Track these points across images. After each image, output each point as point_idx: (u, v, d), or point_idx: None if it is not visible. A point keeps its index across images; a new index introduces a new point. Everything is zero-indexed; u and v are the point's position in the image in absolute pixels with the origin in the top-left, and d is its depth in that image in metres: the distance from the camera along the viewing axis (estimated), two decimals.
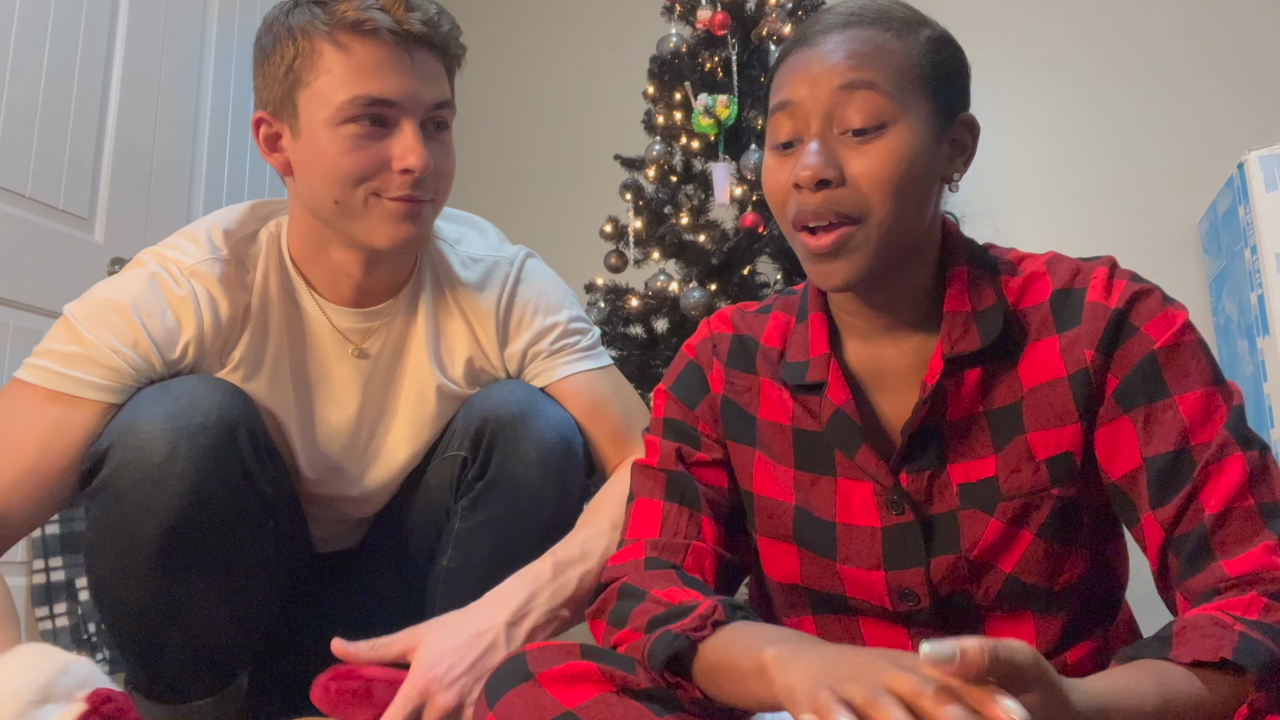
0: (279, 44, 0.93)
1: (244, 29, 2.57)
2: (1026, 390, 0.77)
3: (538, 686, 0.67)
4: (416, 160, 0.91)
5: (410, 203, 0.94)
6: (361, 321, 1.05)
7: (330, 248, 1.00)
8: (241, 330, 0.99)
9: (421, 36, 0.93)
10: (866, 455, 0.79)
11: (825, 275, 0.75)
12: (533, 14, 3.24)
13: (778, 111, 0.76)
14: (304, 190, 0.97)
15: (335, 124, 0.91)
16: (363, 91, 0.90)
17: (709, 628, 0.68)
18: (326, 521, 1.13)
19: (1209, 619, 0.63)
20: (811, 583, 0.83)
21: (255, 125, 0.98)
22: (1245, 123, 2.29)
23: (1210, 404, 0.71)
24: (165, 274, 0.97)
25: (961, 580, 0.78)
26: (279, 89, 0.94)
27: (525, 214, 2.98)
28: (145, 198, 2.21)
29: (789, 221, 0.76)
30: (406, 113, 0.93)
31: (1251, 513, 0.68)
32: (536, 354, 1.09)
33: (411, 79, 0.92)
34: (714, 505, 0.86)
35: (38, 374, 0.91)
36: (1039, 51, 2.56)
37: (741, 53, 2.22)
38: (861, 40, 0.74)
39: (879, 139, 0.72)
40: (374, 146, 0.92)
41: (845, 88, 0.72)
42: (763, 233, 2.08)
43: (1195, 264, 2.30)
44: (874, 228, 0.73)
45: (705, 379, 0.89)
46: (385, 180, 0.93)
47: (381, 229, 0.94)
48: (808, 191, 0.73)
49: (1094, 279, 0.76)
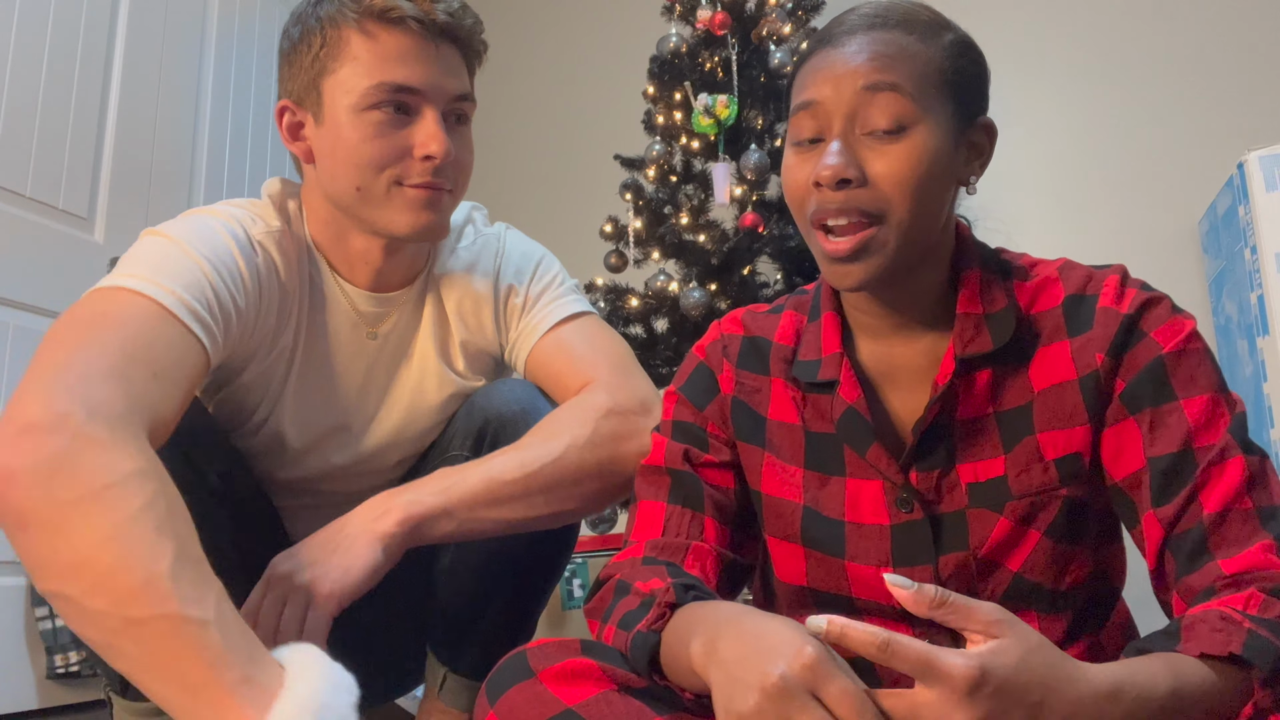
0: (307, 34, 0.96)
1: (244, 29, 2.57)
2: (1037, 393, 0.78)
3: (539, 684, 0.67)
4: (438, 147, 0.93)
5: (431, 190, 0.96)
6: (377, 306, 1.06)
7: (349, 235, 1.01)
8: (277, 302, 1.00)
9: (446, 28, 0.95)
10: (877, 453, 0.80)
11: (842, 276, 0.76)
12: (533, 14, 3.25)
13: (800, 110, 0.77)
14: (325, 178, 0.98)
15: (359, 110, 0.93)
16: (388, 78, 0.92)
17: (666, 613, 0.69)
18: (307, 510, 1.12)
19: (1218, 614, 0.64)
20: (817, 584, 0.84)
21: (279, 114, 1.00)
22: (1245, 123, 2.29)
23: (1215, 409, 0.72)
24: (249, 232, 0.97)
25: (969, 578, 0.78)
26: (305, 77, 0.96)
27: (525, 214, 2.98)
28: (145, 198, 2.21)
29: (807, 219, 0.77)
30: (429, 101, 0.95)
31: (1249, 514, 0.68)
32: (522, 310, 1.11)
33: (435, 68, 0.95)
34: (720, 507, 0.86)
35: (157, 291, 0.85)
36: (1039, 52, 2.56)
37: (741, 53, 2.22)
38: (886, 42, 0.75)
39: (900, 140, 0.73)
40: (397, 134, 0.94)
41: (869, 89, 0.73)
42: (763, 233, 2.08)
43: (1195, 264, 2.30)
44: (893, 228, 0.74)
45: (715, 380, 0.89)
46: (407, 167, 0.94)
47: (402, 216, 0.96)
48: (828, 190, 0.73)
49: (1106, 286, 0.77)
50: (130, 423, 0.74)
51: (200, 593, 0.66)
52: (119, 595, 0.65)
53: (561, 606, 2.30)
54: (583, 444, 0.94)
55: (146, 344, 0.80)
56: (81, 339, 0.78)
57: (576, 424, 0.96)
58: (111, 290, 0.83)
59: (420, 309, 1.09)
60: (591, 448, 0.95)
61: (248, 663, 0.65)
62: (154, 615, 0.64)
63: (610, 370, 1.03)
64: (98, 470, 0.68)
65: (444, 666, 1.07)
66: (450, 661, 1.06)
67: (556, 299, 1.10)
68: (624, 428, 0.97)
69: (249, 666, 0.65)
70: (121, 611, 0.65)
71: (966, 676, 0.52)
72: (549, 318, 1.08)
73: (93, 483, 0.67)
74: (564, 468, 0.93)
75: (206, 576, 0.68)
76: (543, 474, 0.93)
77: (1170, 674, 0.59)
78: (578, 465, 0.94)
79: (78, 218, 2.04)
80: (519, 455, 0.94)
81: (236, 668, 0.64)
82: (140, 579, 0.65)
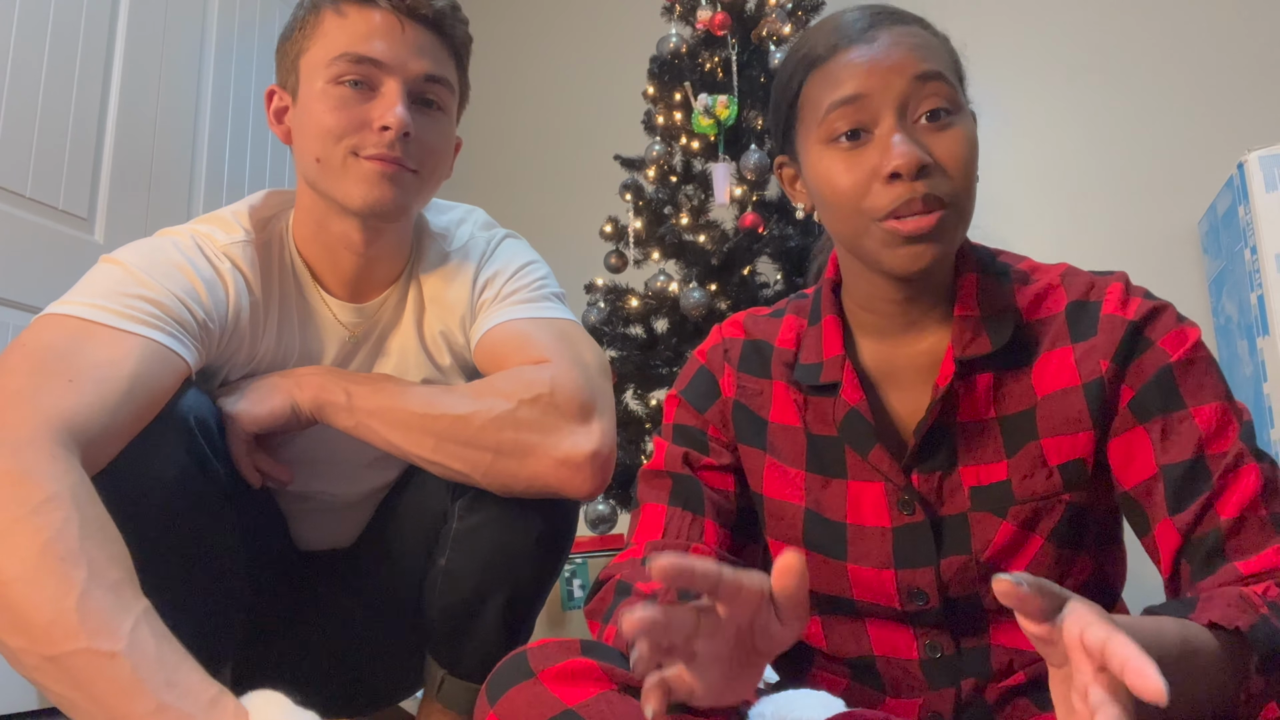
0: (294, 19, 1.00)
1: (244, 29, 2.57)
2: (1040, 398, 0.78)
3: (539, 684, 0.67)
4: (394, 119, 0.94)
5: (386, 163, 0.95)
6: (359, 317, 1.06)
7: (329, 220, 1.01)
8: (256, 311, 1.00)
9: (413, 7, 0.98)
10: (879, 455, 0.80)
11: (914, 257, 0.73)
12: (533, 14, 3.25)
13: (841, 106, 0.74)
14: (297, 155, 1.01)
15: (326, 84, 0.96)
16: (350, 49, 0.95)
17: None
18: (310, 513, 1.12)
19: (1237, 593, 0.64)
20: (819, 586, 0.84)
21: (267, 99, 1.03)
22: (1245, 123, 2.29)
23: (1224, 417, 0.72)
24: (204, 248, 0.98)
25: (971, 582, 0.78)
26: (288, 60, 1.00)
27: (525, 214, 2.99)
28: (145, 198, 2.21)
29: (873, 214, 0.74)
30: (391, 74, 0.96)
31: (1265, 521, 0.69)
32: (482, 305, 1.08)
33: (401, 45, 0.97)
34: (720, 510, 0.86)
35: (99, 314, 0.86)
36: (1039, 52, 2.56)
37: (741, 53, 2.22)
38: (915, 34, 0.76)
39: (953, 126, 0.74)
40: (358, 107, 0.96)
41: (920, 78, 0.73)
42: (763, 233, 2.08)
43: (1195, 264, 2.30)
44: (957, 212, 0.74)
45: (716, 384, 0.90)
46: (364, 138, 0.95)
47: (356, 188, 0.96)
48: (906, 181, 0.72)
49: (1109, 293, 0.78)
50: (39, 442, 0.73)
51: (112, 622, 0.67)
52: (33, 634, 0.66)
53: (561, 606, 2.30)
54: (494, 416, 0.92)
55: (58, 354, 0.80)
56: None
57: (503, 395, 0.94)
58: (37, 320, 0.85)
59: (402, 307, 1.08)
60: (499, 425, 0.92)
61: (164, 689, 0.65)
62: (66, 652, 0.65)
63: (569, 363, 0.98)
64: (1, 508, 0.69)
65: (442, 669, 1.07)
66: (448, 664, 1.06)
67: (532, 300, 1.07)
68: (545, 421, 0.93)
69: (165, 693, 0.65)
70: (37, 650, 0.66)
71: None
72: (517, 312, 1.05)
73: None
74: (463, 428, 0.92)
75: (123, 603, 0.68)
76: (441, 422, 0.93)
77: (1180, 638, 0.58)
78: (476, 432, 0.92)
79: (77, 218, 2.04)
80: (435, 396, 0.95)
81: (150, 697, 0.65)
82: (48, 616, 0.66)
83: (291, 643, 1.11)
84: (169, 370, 0.87)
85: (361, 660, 1.15)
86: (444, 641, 1.05)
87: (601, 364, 1.03)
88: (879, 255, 0.75)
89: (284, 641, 1.11)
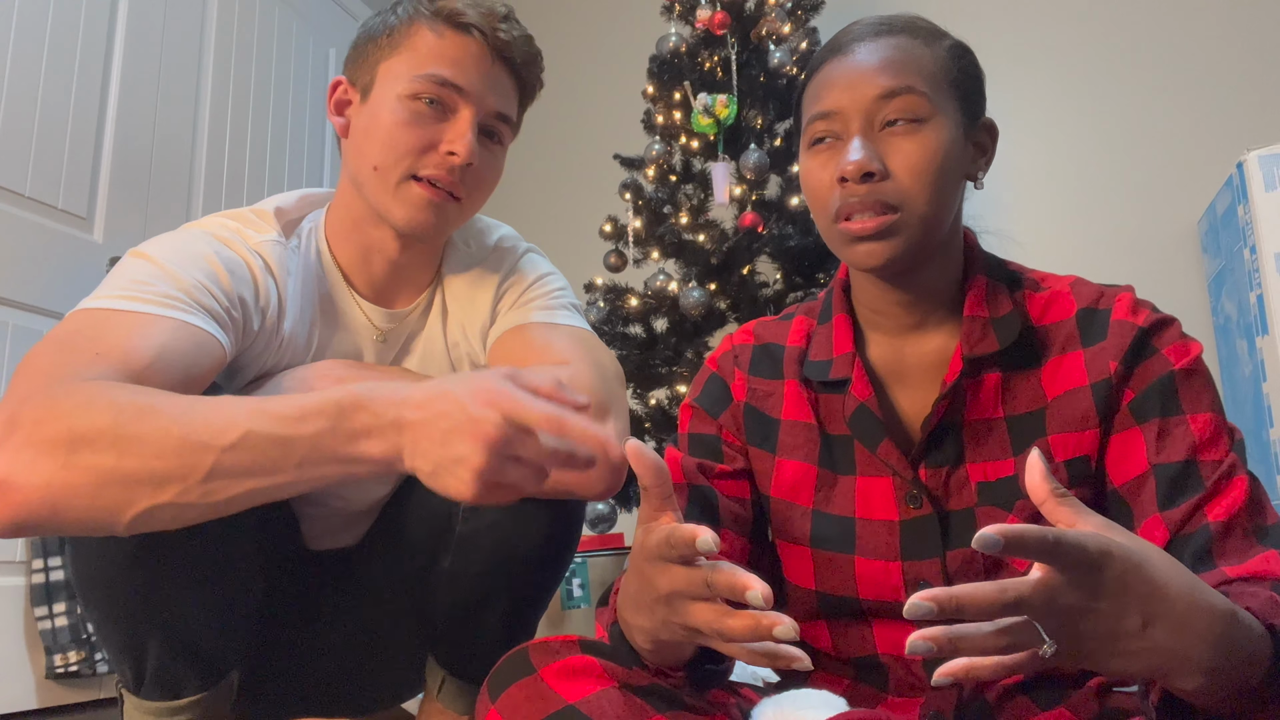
0: (384, 23, 1.02)
1: (243, 29, 2.57)
2: (1050, 400, 0.80)
3: (540, 681, 0.67)
4: (463, 147, 0.97)
5: (436, 191, 0.98)
6: (391, 322, 1.08)
7: (367, 224, 1.03)
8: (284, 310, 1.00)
9: (504, 47, 1.01)
10: (888, 449, 0.82)
11: (867, 254, 0.78)
12: (532, 14, 3.25)
13: (817, 120, 0.81)
14: (352, 152, 1.02)
15: (403, 97, 0.97)
16: (438, 70, 0.97)
17: None
18: (319, 513, 1.12)
19: (1266, 589, 0.63)
20: (825, 586, 0.85)
21: (332, 88, 1.05)
22: (1245, 123, 2.29)
23: (1218, 429, 0.75)
24: (234, 242, 0.98)
25: (976, 576, 0.79)
26: (368, 60, 1.02)
27: (525, 214, 2.99)
28: (144, 198, 2.21)
29: (830, 215, 0.80)
30: (469, 103, 0.99)
31: (1250, 531, 0.71)
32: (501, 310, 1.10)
33: (484, 79, 1.00)
34: (737, 519, 0.88)
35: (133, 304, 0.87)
36: (1039, 52, 2.56)
37: (741, 52, 2.22)
38: (895, 47, 0.80)
39: (918, 133, 0.78)
40: (431, 126, 0.98)
41: (884, 96, 0.78)
42: (762, 232, 2.08)
43: (1195, 264, 2.30)
44: (912, 216, 0.77)
45: (728, 389, 0.92)
46: (426, 158, 0.98)
47: (402, 210, 0.98)
48: (853, 184, 0.77)
49: (1119, 301, 0.81)
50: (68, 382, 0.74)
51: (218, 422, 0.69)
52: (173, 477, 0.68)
53: (561, 606, 2.30)
54: None
55: (86, 336, 0.81)
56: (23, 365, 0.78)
57: None
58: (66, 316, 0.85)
59: (429, 313, 1.11)
60: None
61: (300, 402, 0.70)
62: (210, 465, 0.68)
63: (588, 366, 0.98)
64: (55, 417, 0.70)
65: (443, 670, 1.07)
66: (450, 665, 1.06)
67: (551, 308, 1.09)
68: None
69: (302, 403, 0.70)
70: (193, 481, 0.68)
71: (1100, 548, 0.52)
72: (535, 317, 1.06)
73: (74, 415, 0.69)
74: None
75: (211, 405, 0.71)
76: None
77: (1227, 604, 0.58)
78: None
79: (77, 217, 2.04)
80: None
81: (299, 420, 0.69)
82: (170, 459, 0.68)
83: (296, 643, 1.11)
84: (202, 350, 0.86)
85: (364, 660, 1.15)
86: (446, 643, 1.06)
87: (617, 370, 1.05)
88: (841, 253, 0.81)
89: (288, 641, 1.11)
